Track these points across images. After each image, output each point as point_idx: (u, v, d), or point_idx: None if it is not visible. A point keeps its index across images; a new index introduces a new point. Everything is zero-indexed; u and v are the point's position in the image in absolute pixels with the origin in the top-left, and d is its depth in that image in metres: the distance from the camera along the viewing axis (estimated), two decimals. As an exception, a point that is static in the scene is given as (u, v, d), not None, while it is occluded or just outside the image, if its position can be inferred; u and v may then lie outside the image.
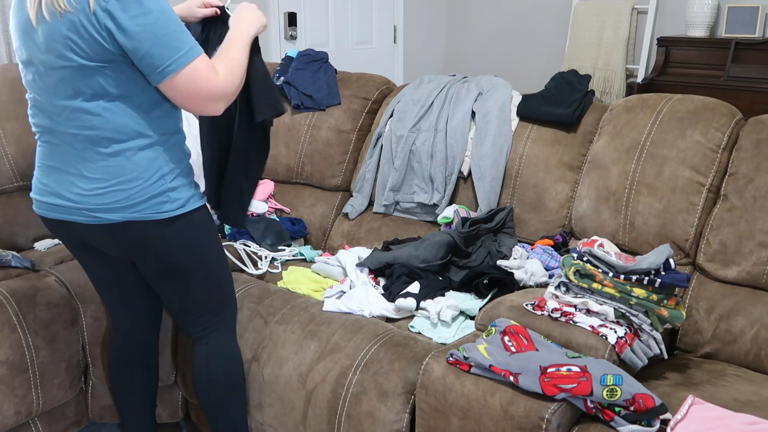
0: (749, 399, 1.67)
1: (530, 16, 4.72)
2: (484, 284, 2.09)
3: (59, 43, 1.56)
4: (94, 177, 1.66)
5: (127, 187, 1.66)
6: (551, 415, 1.53)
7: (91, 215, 1.68)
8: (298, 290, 2.27)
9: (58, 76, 1.60)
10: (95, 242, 1.77)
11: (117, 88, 1.61)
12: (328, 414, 1.89)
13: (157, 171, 1.69)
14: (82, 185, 1.67)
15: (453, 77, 2.74)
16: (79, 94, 1.61)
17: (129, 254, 1.80)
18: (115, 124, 1.63)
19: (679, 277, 1.73)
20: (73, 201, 1.68)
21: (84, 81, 1.59)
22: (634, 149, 2.17)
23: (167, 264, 1.78)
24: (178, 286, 1.84)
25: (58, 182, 1.71)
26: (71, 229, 1.75)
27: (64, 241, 1.86)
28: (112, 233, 1.71)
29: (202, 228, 1.81)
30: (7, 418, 2.03)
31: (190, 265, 1.81)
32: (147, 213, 1.69)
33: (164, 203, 1.70)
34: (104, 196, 1.66)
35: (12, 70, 2.66)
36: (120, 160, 1.65)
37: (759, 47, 3.64)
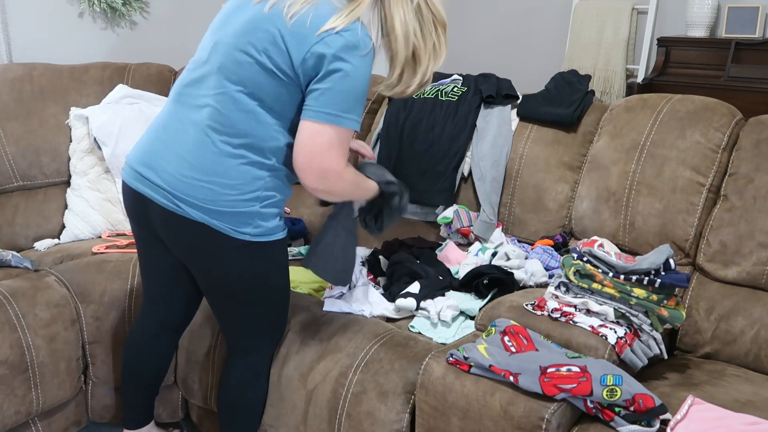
0: (749, 399, 1.67)
1: (530, 16, 4.72)
2: (484, 284, 2.09)
3: (259, 33, 1.58)
4: (195, 165, 1.62)
5: (220, 189, 1.62)
6: (551, 415, 1.54)
7: (173, 201, 1.64)
8: (298, 290, 2.27)
9: (236, 58, 1.61)
10: (162, 231, 1.73)
11: (276, 103, 1.62)
12: (329, 414, 1.89)
13: (256, 191, 1.65)
14: (178, 166, 1.64)
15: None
16: (243, 83, 1.60)
17: (191, 257, 1.74)
18: (252, 128, 1.62)
19: (679, 278, 1.73)
20: (162, 179, 1.65)
21: (255, 76, 1.59)
22: (634, 149, 2.17)
23: (227, 281, 1.74)
24: (229, 303, 1.81)
25: (157, 154, 1.67)
26: (146, 208, 1.70)
27: (132, 216, 1.80)
28: (182, 228, 1.66)
29: (273, 261, 1.77)
30: (7, 418, 2.03)
31: (251, 288, 1.76)
32: (227, 226, 1.64)
33: (247, 225, 1.65)
34: (194, 187, 1.62)
35: (12, 70, 2.66)
36: (229, 162, 1.62)
37: (759, 47, 3.64)
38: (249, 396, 1.96)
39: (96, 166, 2.69)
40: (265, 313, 1.87)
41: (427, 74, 1.72)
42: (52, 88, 2.71)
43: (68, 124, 2.71)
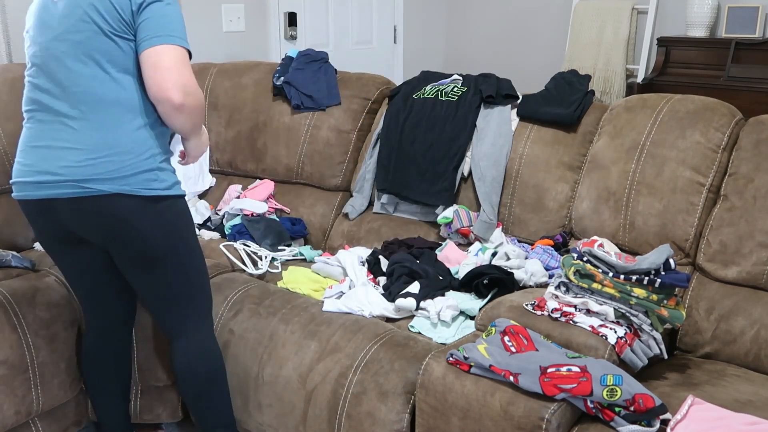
0: (749, 399, 1.67)
1: (530, 16, 4.72)
2: (484, 284, 2.09)
3: (78, 9, 1.69)
4: (86, 148, 1.70)
5: (119, 158, 1.71)
6: (551, 415, 1.53)
7: (81, 186, 1.70)
8: (298, 290, 2.27)
9: (74, 40, 1.70)
10: (76, 224, 1.77)
11: (126, 62, 1.71)
12: (328, 414, 1.89)
13: (148, 149, 1.75)
14: (72, 157, 1.70)
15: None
16: (92, 56, 1.70)
17: (109, 236, 1.79)
18: (119, 94, 1.72)
19: (679, 277, 1.73)
20: (61, 174, 1.71)
21: (99, 45, 1.69)
22: (634, 149, 2.17)
23: (146, 247, 1.79)
24: (155, 274, 1.85)
25: (44, 159, 1.73)
26: (53, 211, 1.76)
27: (42, 230, 1.86)
28: (98, 208, 1.73)
29: (183, 217, 1.86)
30: (7, 418, 2.03)
31: (168, 250, 1.82)
32: (136, 187, 1.72)
33: (153, 180, 1.75)
34: (95, 166, 1.70)
35: (12, 70, 2.66)
36: (115, 133, 1.71)
37: (759, 47, 3.64)
38: (205, 369, 1.96)
39: (96, 166, 2.69)
40: (188, 274, 1.90)
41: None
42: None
43: (68, 124, 2.71)
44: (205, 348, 1.97)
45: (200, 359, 1.96)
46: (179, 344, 1.95)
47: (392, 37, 4.67)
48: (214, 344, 2.00)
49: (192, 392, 1.98)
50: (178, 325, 1.94)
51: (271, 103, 2.92)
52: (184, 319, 1.93)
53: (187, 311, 1.93)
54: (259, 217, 2.69)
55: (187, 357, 1.95)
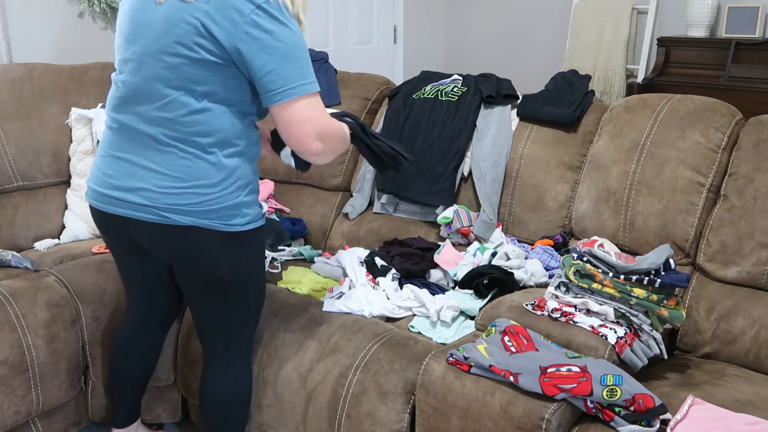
0: (749, 399, 1.67)
1: (530, 16, 4.72)
2: (484, 284, 2.09)
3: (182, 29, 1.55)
4: (172, 175, 1.62)
5: (204, 191, 1.63)
6: (551, 415, 1.53)
7: (160, 214, 1.63)
8: (298, 290, 2.27)
9: (168, 63, 1.57)
10: (147, 242, 1.73)
11: (225, 90, 1.60)
12: (328, 414, 1.89)
13: (236, 181, 1.66)
14: (156, 182, 1.63)
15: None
16: (186, 85, 1.58)
17: (178, 260, 1.75)
18: (213, 125, 1.61)
19: (679, 278, 1.73)
20: (142, 197, 1.64)
21: (195, 73, 1.57)
22: (634, 149, 2.17)
23: (214, 277, 1.73)
24: (215, 301, 1.80)
25: (126, 174, 1.66)
26: (126, 226, 1.70)
27: (111, 237, 1.82)
28: (172, 236, 1.66)
29: (257, 247, 1.80)
30: (7, 418, 2.03)
31: (235, 282, 1.76)
32: (217, 222, 1.65)
33: (235, 216, 1.67)
34: (179, 196, 1.62)
35: (12, 70, 2.66)
36: (204, 163, 1.62)
37: (759, 47, 3.64)
38: (231, 399, 1.93)
39: (96, 167, 2.69)
40: (247, 309, 1.86)
41: None
42: (52, 88, 2.71)
43: (68, 125, 2.71)
44: (237, 380, 1.93)
45: (229, 390, 1.92)
46: (213, 368, 1.91)
47: (392, 37, 4.68)
48: (248, 378, 1.96)
49: (210, 417, 1.95)
50: (221, 350, 1.89)
51: (271, 103, 2.92)
52: (228, 347, 1.89)
53: (235, 341, 1.89)
54: (259, 217, 2.69)
55: (217, 384, 1.91)
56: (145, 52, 1.61)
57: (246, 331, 1.91)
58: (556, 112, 2.43)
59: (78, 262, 2.35)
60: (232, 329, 1.87)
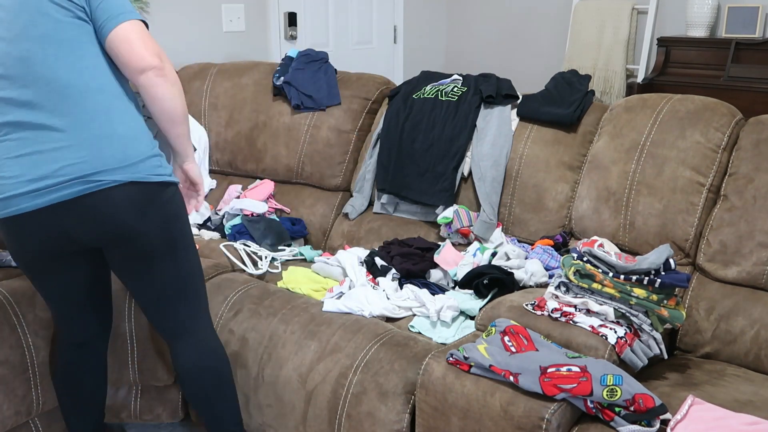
0: (749, 399, 1.67)
1: (530, 16, 4.72)
2: (484, 284, 2.09)
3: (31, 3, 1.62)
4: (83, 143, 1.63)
5: (123, 146, 1.66)
6: (551, 415, 1.53)
7: (89, 181, 1.61)
8: (298, 290, 2.27)
9: (37, 35, 1.62)
10: (80, 226, 1.66)
11: (94, 46, 1.68)
12: (329, 414, 1.89)
13: (145, 134, 1.72)
14: (70, 155, 1.62)
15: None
16: (63, 50, 1.63)
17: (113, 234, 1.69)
18: (104, 81, 1.68)
19: (679, 278, 1.73)
20: (62, 175, 1.60)
21: (65, 35, 1.63)
22: (634, 149, 2.17)
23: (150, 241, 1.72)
24: (156, 270, 1.77)
25: (35, 165, 1.61)
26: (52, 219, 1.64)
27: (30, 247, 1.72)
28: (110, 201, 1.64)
29: (183, 206, 1.82)
30: (7, 418, 2.03)
31: (170, 243, 1.76)
32: (146, 174, 1.68)
33: (158, 166, 1.71)
34: (100, 158, 1.62)
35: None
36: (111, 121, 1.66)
37: (759, 47, 3.64)
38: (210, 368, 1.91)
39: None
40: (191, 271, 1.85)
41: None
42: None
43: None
44: (209, 345, 1.91)
45: (205, 357, 1.90)
46: (182, 343, 1.88)
47: (392, 37, 4.68)
48: (217, 341, 1.95)
49: (198, 392, 1.93)
50: (179, 324, 1.86)
51: (271, 103, 2.92)
52: (185, 317, 1.86)
53: (188, 308, 1.86)
54: (259, 217, 2.69)
55: (192, 356, 1.89)
56: (9, 40, 1.65)
57: (197, 296, 1.88)
58: (556, 112, 2.43)
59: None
60: (182, 297, 1.84)
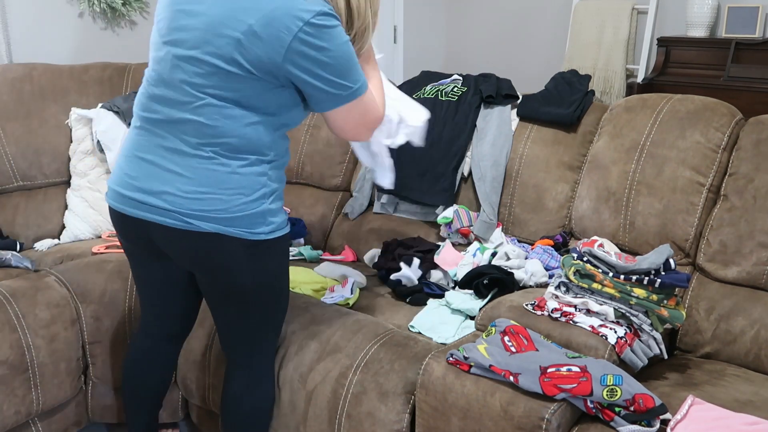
0: (749, 399, 1.67)
1: (530, 16, 4.72)
2: (484, 284, 2.09)
3: (222, 40, 1.51)
4: (196, 179, 1.58)
5: (228, 198, 1.59)
6: (551, 415, 1.53)
7: (183, 219, 1.59)
8: (298, 290, 2.27)
9: (203, 70, 1.54)
10: (168, 247, 1.68)
11: (259, 100, 1.57)
12: (329, 414, 1.89)
13: (261, 188, 1.63)
14: (180, 186, 1.58)
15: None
16: (218, 93, 1.55)
17: (199, 267, 1.70)
18: (242, 133, 1.58)
19: (679, 278, 1.73)
20: (167, 201, 1.59)
21: (229, 83, 1.54)
22: (634, 149, 2.17)
23: (235, 284, 1.69)
24: (236, 309, 1.76)
25: (149, 176, 1.61)
26: (147, 230, 1.65)
27: (129, 240, 1.76)
28: (194, 243, 1.62)
29: (280, 258, 1.76)
30: (7, 418, 2.03)
31: (256, 291, 1.72)
32: (241, 230, 1.61)
33: (260, 224, 1.63)
34: (203, 201, 1.58)
35: (12, 69, 2.67)
36: (230, 170, 1.59)
37: (759, 47, 3.64)
38: (255, 405, 1.90)
39: (97, 167, 2.69)
40: (271, 315, 1.83)
41: None
42: (52, 88, 2.71)
43: (68, 125, 2.71)
44: (260, 387, 1.89)
45: (251, 396, 1.88)
46: (236, 374, 1.87)
47: (392, 37, 4.68)
48: (271, 385, 1.92)
49: (237, 423, 1.91)
50: (242, 357, 1.85)
51: (271, 103, 2.92)
52: (251, 353, 1.85)
53: (257, 348, 1.85)
54: (259, 217, 2.69)
55: (239, 390, 1.87)
56: (179, 55, 1.57)
57: (269, 338, 1.87)
58: (556, 112, 2.43)
59: (78, 262, 2.35)
60: (255, 337, 1.83)
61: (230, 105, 1.56)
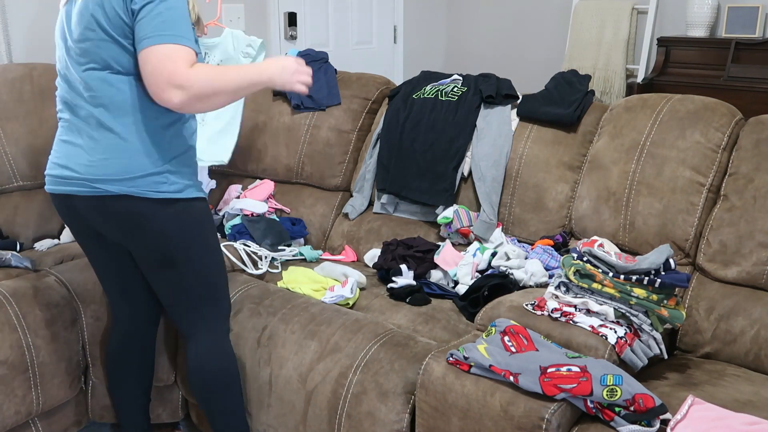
0: (749, 399, 1.67)
1: (530, 16, 4.72)
2: (485, 296, 2.07)
3: (86, 16, 1.71)
4: (99, 148, 1.74)
5: (128, 160, 1.73)
6: (551, 415, 1.53)
7: (92, 186, 1.74)
8: (298, 290, 2.27)
9: (82, 48, 1.73)
10: (94, 221, 1.82)
11: (132, 64, 1.71)
12: (328, 414, 1.89)
13: (159, 150, 1.75)
14: (87, 156, 1.75)
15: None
16: (101, 65, 1.72)
17: (124, 235, 1.82)
18: (127, 98, 1.73)
19: (679, 277, 1.73)
20: (78, 172, 1.75)
21: (104, 53, 1.71)
22: (634, 149, 2.17)
23: (159, 249, 1.81)
24: (170, 275, 1.86)
25: (67, 155, 1.79)
26: (74, 206, 1.81)
27: (69, 223, 1.92)
28: (109, 207, 1.76)
29: (199, 219, 1.85)
30: (7, 418, 2.03)
31: (182, 253, 1.82)
32: (144, 189, 1.74)
33: (162, 183, 1.76)
34: (106, 167, 1.73)
35: (12, 70, 2.66)
36: (128, 135, 1.73)
37: (759, 47, 3.64)
38: (216, 371, 1.95)
39: (96, 166, 2.69)
40: (204, 279, 1.89)
41: None
42: (52, 88, 2.69)
43: (68, 124, 2.71)
44: (217, 349, 1.96)
45: (212, 359, 1.94)
46: (192, 345, 1.95)
47: (392, 37, 4.68)
48: (227, 346, 1.99)
49: (203, 393, 1.98)
50: (192, 326, 1.94)
51: (271, 103, 2.92)
52: (198, 320, 1.93)
53: (202, 313, 1.92)
54: (259, 217, 2.69)
55: (199, 357, 1.94)
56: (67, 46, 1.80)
57: (212, 302, 1.93)
58: (556, 112, 2.43)
59: (78, 262, 2.35)
60: (196, 302, 1.91)
61: (107, 74, 1.73)
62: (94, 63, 1.73)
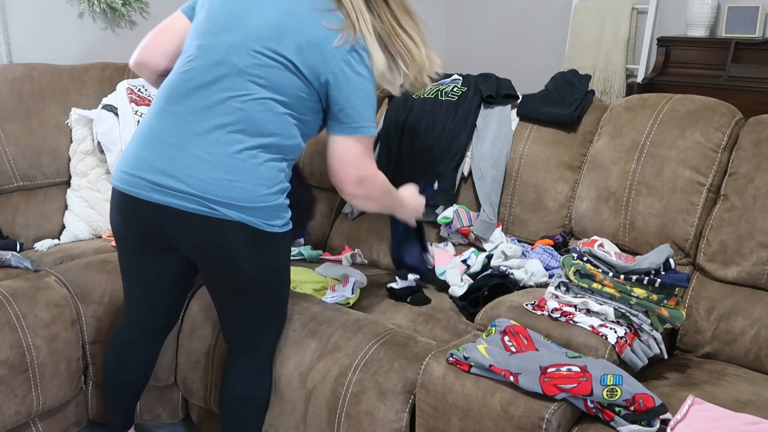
0: (749, 399, 1.67)
1: (530, 16, 4.72)
2: (485, 296, 2.08)
3: (287, 39, 1.65)
4: (223, 166, 1.62)
5: (254, 188, 1.64)
6: (551, 415, 1.53)
7: (207, 206, 1.61)
8: (298, 290, 2.27)
9: (263, 62, 1.65)
10: (177, 236, 1.68)
11: (302, 110, 1.71)
12: (328, 413, 1.89)
13: (279, 183, 1.71)
14: (206, 171, 1.61)
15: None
16: (273, 88, 1.66)
17: (208, 257, 1.72)
18: (278, 129, 1.68)
19: (679, 277, 1.73)
20: (188, 185, 1.61)
21: (284, 82, 1.66)
22: (634, 149, 2.17)
23: (241, 276, 1.73)
24: (239, 299, 1.80)
25: (172, 159, 1.62)
26: (159, 217, 1.65)
27: (133, 227, 1.73)
28: (214, 232, 1.64)
29: (287, 251, 1.85)
30: (7, 418, 2.03)
31: (262, 284, 1.78)
32: (260, 221, 1.66)
33: (276, 218, 1.70)
34: (229, 188, 1.62)
35: (12, 70, 2.66)
36: (257, 161, 1.66)
37: (759, 47, 3.64)
38: (253, 395, 1.94)
39: (97, 168, 2.69)
40: (275, 307, 1.89)
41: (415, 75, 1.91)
42: (52, 88, 2.71)
43: (68, 125, 2.71)
44: (257, 377, 1.94)
45: (248, 384, 1.93)
46: (237, 362, 1.92)
47: (392, 37, 4.67)
48: (268, 377, 1.96)
49: (228, 414, 1.95)
50: (244, 348, 1.91)
51: (271, 103, 2.92)
52: (252, 345, 1.90)
53: (259, 340, 1.91)
54: (259, 217, 2.69)
55: (237, 376, 1.92)
56: (236, 44, 1.66)
57: (271, 330, 1.93)
58: (556, 112, 2.43)
59: (78, 262, 2.35)
60: (258, 328, 1.89)
61: (276, 103, 1.67)
62: (272, 86, 1.66)
